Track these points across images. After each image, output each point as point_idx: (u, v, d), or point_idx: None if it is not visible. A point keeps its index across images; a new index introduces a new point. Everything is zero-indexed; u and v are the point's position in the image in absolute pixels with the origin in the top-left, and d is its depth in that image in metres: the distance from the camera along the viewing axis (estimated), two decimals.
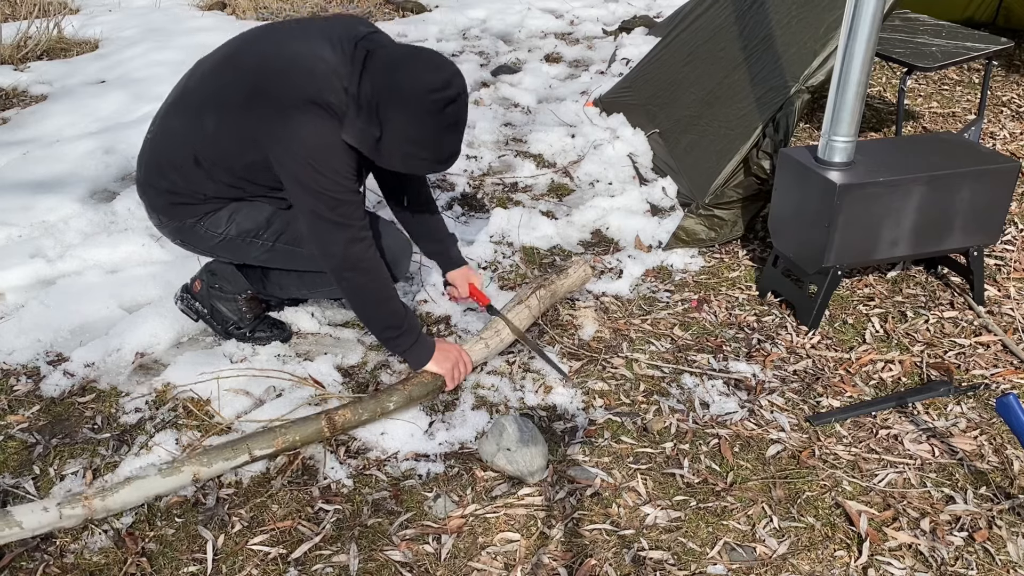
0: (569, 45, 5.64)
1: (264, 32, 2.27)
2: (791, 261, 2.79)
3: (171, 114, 2.29)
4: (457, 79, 2.04)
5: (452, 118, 2.06)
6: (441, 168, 2.18)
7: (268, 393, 2.40)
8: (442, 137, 2.08)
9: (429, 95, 2.00)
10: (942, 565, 1.91)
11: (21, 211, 3.28)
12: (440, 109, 2.02)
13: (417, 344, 2.31)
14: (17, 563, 1.89)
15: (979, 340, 2.67)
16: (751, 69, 3.35)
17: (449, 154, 2.14)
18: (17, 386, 2.44)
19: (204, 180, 2.25)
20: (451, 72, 2.04)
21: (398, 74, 2.03)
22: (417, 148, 2.09)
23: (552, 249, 3.22)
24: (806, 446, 2.26)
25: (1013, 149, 3.97)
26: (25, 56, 5.26)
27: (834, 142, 2.55)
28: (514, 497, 2.09)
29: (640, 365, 2.57)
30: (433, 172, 2.20)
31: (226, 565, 1.91)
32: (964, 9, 5.33)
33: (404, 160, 2.13)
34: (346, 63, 2.07)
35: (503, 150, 3.98)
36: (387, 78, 2.03)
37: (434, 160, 2.14)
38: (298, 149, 2.05)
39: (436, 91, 2.00)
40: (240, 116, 2.12)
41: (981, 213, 2.68)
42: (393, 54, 2.08)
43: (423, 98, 2.00)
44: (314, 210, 2.10)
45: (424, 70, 2.03)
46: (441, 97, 2.01)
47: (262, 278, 2.54)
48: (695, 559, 1.93)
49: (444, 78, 2.02)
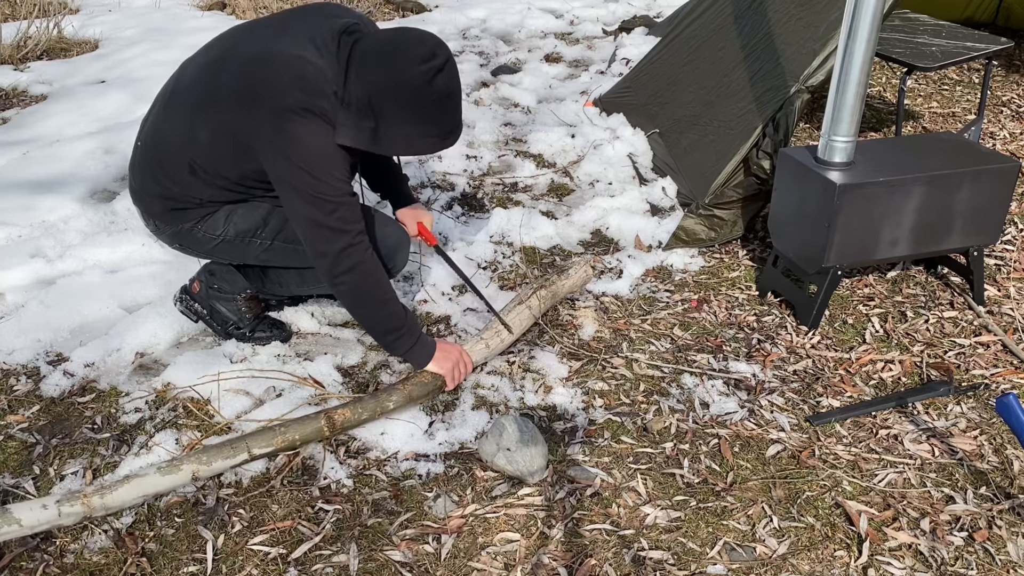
0: (569, 45, 5.64)
1: (248, 32, 2.24)
2: (791, 261, 2.79)
3: (161, 121, 2.28)
4: (441, 49, 2.03)
5: (444, 88, 2.04)
6: (447, 143, 2.14)
7: (268, 393, 2.40)
8: (439, 109, 2.06)
9: (415, 69, 1.99)
10: (942, 565, 1.91)
11: (21, 211, 3.28)
12: (428, 81, 2.00)
13: (417, 345, 2.31)
14: (17, 563, 1.89)
15: (979, 340, 2.67)
16: (751, 69, 3.35)
17: (451, 127, 2.11)
18: (17, 386, 2.44)
19: (199, 185, 2.24)
20: (433, 43, 2.03)
21: (382, 60, 2.02)
22: (417, 127, 2.07)
23: (552, 249, 3.22)
24: (806, 446, 2.26)
25: (1013, 149, 3.97)
26: (25, 56, 5.26)
27: (834, 142, 2.55)
28: (514, 497, 2.09)
29: (640, 365, 2.57)
30: (440, 149, 2.15)
31: (226, 565, 1.91)
32: (964, 9, 5.33)
33: (407, 143, 2.11)
34: (332, 63, 2.06)
35: (503, 150, 3.98)
36: (373, 68, 2.02)
37: (438, 136, 2.11)
38: (293, 156, 2.04)
39: (423, 63, 1.99)
40: (231, 125, 2.11)
41: (981, 213, 2.68)
42: (375, 42, 2.07)
43: (410, 75, 1.99)
44: (310, 216, 2.09)
45: (406, 48, 2.01)
46: (428, 68, 1.99)
47: (261, 276, 2.54)
48: (695, 559, 1.93)
49: (427, 50, 2.00)
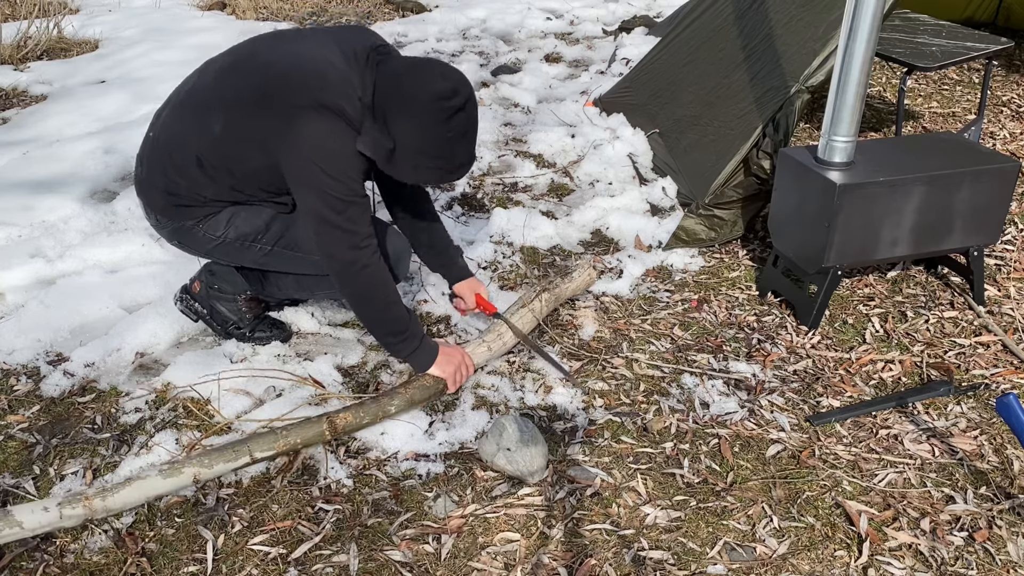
0: (569, 45, 5.64)
1: (275, 38, 2.27)
2: (791, 261, 2.79)
3: (175, 114, 2.28)
4: (464, 87, 2.05)
5: (461, 127, 2.06)
6: (453, 177, 2.17)
7: (268, 393, 2.40)
8: (452, 146, 2.08)
9: (436, 104, 2.00)
10: (942, 565, 1.91)
11: (21, 211, 3.28)
12: (447, 118, 2.02)
13: (420, 349, 2.30)
14: (17, 563, 1.89)
15: (979, 340, 2.67)
16: (751, 69, 3.35)
17: (460, 163, 2.13)
18: (17, 386, 2.44)
19: (205, 182, 2.24)
20: (457, 80, 2.05)
21: (405, 84, 2.04)
22: (426, 158, 2.09)
23: (552, 249, 3.22)
24: (806, 446, 2.26)
25: (1013, 149, 3.97)
26: (25, 56, 5.26)
27: (834, 142, 2.55)
28: (514, 497, 2.09)
29: (640, 365, 2.57)
30: (445, 181, 2.17)
31: (226, 565, 1.91)
32: (964, 9, 5.33)
33: (415, 170, 2.13)
34: (359, 72, 2.07)
35: (503, 150, 3.98)
36: (395, 88, 2.04)
37: (445, 169, 2.13)
38: (307, 151, 2.04)
39: (443, 99, 2.00)
40: (248, 120, 2.12)
41: (981, 213, 2.68)
42: (401, 65, 2.09)
43: (430, 107, 2.01)
44: (321, 213, 2.09)
45: (430, 79, 2.03)
46: (449, 105, 2.01)
47: (261, 278, 2.54)
48: (695, 559, 1.93)
49: (450, 86, 2.02)
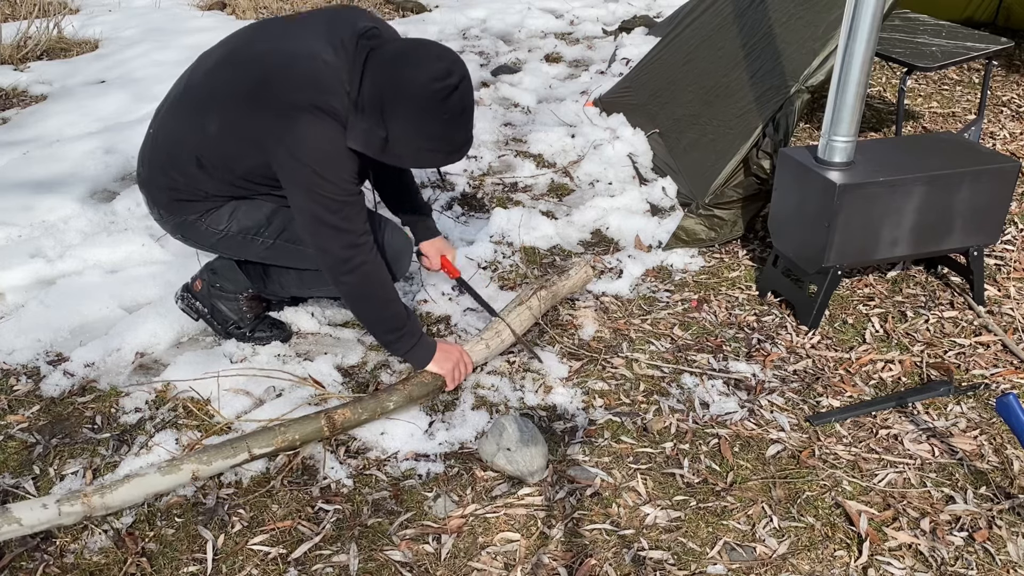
0: (569, 45, 5.64)
1: (265, 29, 2.26)
2: (791, 261, 2.79)
3: (172, 112, 2.29)
4: (457, 66, 2.03)
5: (458, 107, 2.04)
6: (455, 159, 2.14)
7: (268, 393, 2.40)
8: (451, 127, 2.07)
9: (431, 85, 1.98)
10: (942, 565, 1.91)
11: (21, 211, 3.28)
12: (444, 99, 2.00)
13: (418, 346, 2.31)
14: (17, 563, 1.89)
15: (979, 340, 2.67)
16: (751, 68, 3.35)
17: (461, 143, 2.12)
18: (17, 386, 2.44)
19: (205, 179, 2.25)
20: (451, 60, 2.03)
21: (398, 70, 2.02)
22: (427, 142, 2.07)
23: (552, 249, 3.22)
24: (806, 446, 2.26)
25: (1013, 149, 3.97)
26: (25, 56, 5.26)
27: (834, 142, 2.55)
28: (514, 497, 2.09)
29: (640, 365, 2.57)
30: (447, 164, 2.15)
31: (226, 565, 1.91)
32: (964, 9, 5.33)
33: (416, 156, 2.11)
34: (347, 64, 2.06)
35: (503, 150, 3.98)
36: (388, 76, 2.02)
37: (446, 152, 2.11)
38: (301, 154, 2.04)
39: (437, 80, 1.99)
40: (242, 119, 2.11)
41: (981, 213, 2.68)
42: (392, 50, 2.07)
43: (425, 90, 1.99)
44: (315, 214, 2.09)
45: (423, 62, 2.01)
46: (443, 86, 1.99)
47: (263, 276, 2.54)
48: (695, 559, 1.93)
49: (444, 67, 2.00)
